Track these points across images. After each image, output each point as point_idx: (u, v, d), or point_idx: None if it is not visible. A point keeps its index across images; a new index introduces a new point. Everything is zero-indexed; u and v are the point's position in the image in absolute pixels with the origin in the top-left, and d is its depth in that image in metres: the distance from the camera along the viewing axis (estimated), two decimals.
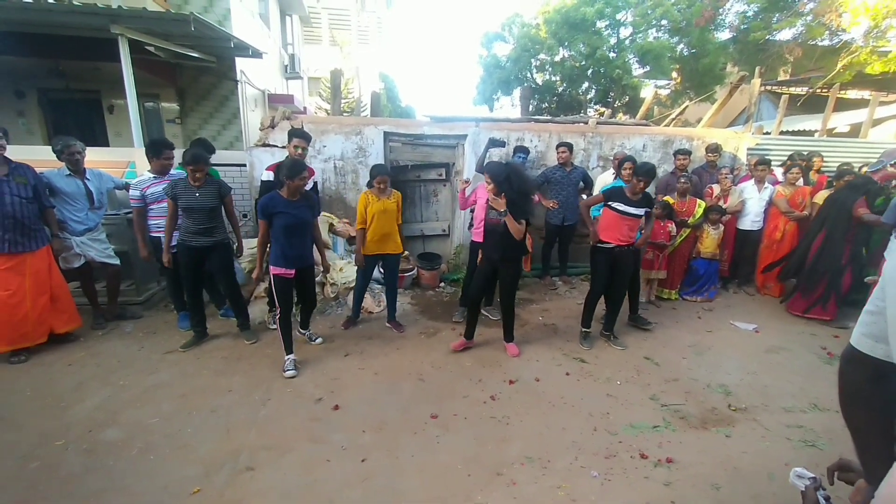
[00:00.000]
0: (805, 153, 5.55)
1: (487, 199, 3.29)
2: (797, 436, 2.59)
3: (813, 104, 10.00)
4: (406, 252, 4.37)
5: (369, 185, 3.80)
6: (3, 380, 3.03)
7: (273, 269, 3.13)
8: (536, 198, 3.87)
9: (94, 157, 4.09)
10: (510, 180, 3.09)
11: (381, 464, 2.31)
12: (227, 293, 3.72)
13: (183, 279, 3.59)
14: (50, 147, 3.75)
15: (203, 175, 3.35)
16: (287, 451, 2.39)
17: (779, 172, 5.36)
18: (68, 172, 3.63)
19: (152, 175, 3.71)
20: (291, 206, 3.09)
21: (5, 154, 3.18)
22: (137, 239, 3.73)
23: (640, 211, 3.56)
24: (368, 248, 3.77)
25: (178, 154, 3.78)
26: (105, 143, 7.41)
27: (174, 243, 3.53)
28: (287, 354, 3.21)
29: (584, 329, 3.81)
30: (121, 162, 4.81)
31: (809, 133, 8.66)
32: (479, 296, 3.55)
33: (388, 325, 4.04)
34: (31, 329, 3.31)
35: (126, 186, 4.06)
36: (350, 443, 2.46)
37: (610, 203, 3.58)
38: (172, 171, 3.81)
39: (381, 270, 4.29)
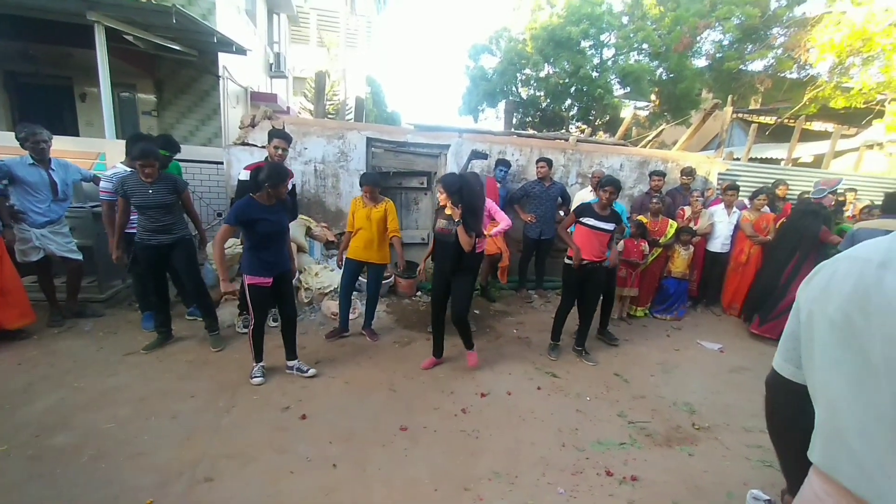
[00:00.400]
0: (771, 184, 5.81)
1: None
2: (756, 456, 2.67)
3: (780, 133, 10.51)
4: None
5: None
6: None
7: (249, 279, 2.96)
8: (498, 226, 3.78)
9: (62, 146, 3.94)
10: (461, 193, 3.03)
11: (347, 476, 2.26)
12: (192, 292, 3.58)
13: (145, 279, 3.46)
14: (13, 133, 3.58)
15: (154, 171, 3.17)
16: (249, 461, 2.31)
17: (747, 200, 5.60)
18: (32, 161, 3.47)
19: (126, 168, 3.58)
20: (270, 211, 2.92)
21: None
22: (108, 236, 3.56)
23: (610, 226, 3.64)
24: (353, 251, 3.74)
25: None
26: (75, 133, 7.13)
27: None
28: (256, 362, 3.13)
29: (552, 341, 3.87)
30: (90, 153, 4.63)
31: (776, 161, 9.09)
32: (440, 311, 3.44)
33: (362, 332, 3.99)
34: None
35: (94, 179, 3.91)
36: (316, 454, 2.40)
37: (581, 219, 3.66)
38: None
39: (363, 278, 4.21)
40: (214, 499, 2.05)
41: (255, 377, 3.05)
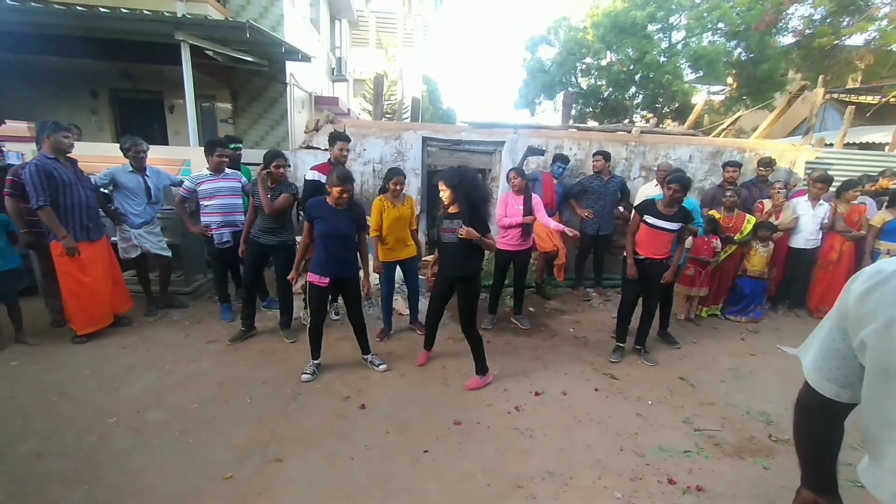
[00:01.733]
0: (874, 175, 5.13)
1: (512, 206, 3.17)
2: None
3: (886, 115, 9.24)
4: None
5: (382, 189, 3.71)
6: (68, 358, 3.31)
7: (309, 276, 3.12)
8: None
9: (153, 154, 4.39)
10: (461, 187, 2.89)
11: (402, 466, 2.35)
12: (279, 290, 3.82)
13: (245, 273, 3.82)
14: (117, 144, 4.07)
15: (285, 170, 3.57)
16: (313, 445, 2.48)
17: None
18: (131, 169, 3.93)
19: (209, 172, 3.94)
20: (331, 213, 3.02)
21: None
22: (185, 222, 4.00)
23: (675, 226, 3.41)
24: (386, 254, 3.70)
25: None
26: (164, 141, 7.93)
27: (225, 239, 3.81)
28: (313, 359, 3.26)
29: (617, 343, 3.73)
30: (177, 160, 5.13)
31: (879, 146, 8.01)
32: (433, 314, 3.37)
33: (411, 326, 4.09)
34: (107, 311, 3.66)
35: (180, 183, 4.34)
36: (373, 442, 2.52)
37: (643, 217, 3.49)
38: (227, 171, 4.02)
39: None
40: (283, 477, 2.23)
41: (305, 373, 3.18)
